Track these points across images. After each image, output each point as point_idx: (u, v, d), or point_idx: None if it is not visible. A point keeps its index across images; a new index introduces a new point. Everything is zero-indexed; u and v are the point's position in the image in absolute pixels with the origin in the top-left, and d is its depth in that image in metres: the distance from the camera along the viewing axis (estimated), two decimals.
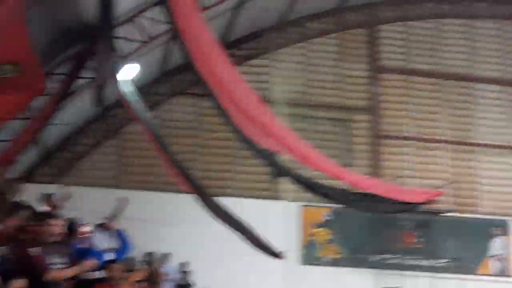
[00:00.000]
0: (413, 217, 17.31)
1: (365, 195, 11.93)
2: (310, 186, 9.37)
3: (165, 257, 15.81)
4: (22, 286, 5.40)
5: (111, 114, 17.27)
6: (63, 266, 6.42)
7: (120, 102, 15.08)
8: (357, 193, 11.76)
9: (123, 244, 8.65)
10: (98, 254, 7.85)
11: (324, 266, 17.09)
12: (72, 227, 8.48)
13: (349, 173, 10.74)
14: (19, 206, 7.84)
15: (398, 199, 10.15)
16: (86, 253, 7.47)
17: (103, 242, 8.16)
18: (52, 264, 6.19)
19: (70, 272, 6.34)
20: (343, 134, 18.20)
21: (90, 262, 6.53)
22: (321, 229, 17.47)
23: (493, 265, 17.93)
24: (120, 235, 8.71)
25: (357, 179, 10.65)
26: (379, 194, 10.57)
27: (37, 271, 5.87)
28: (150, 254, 15.28)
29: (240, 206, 14.81)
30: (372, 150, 18.21)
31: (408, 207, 10.76)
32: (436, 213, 17.35)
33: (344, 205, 12.04)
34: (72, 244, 7.86)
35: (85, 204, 13.63)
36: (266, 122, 8.10)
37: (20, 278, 5.44)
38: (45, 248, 6.13)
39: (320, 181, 9.93)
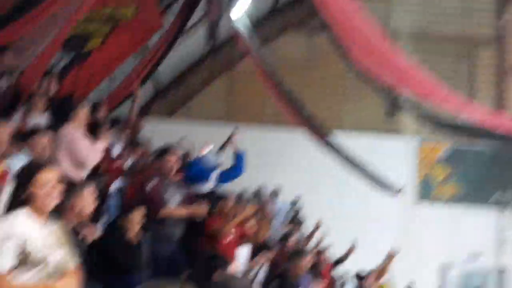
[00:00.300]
0: None
1: (491, 131, 11.26)
2: (433, 120, 8.83)
3: (276, 192, 15.84)
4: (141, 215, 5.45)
5: (223, 49, 17.25)
6: (177, 203, 6.47)
7: (233, 38, 15.02)
8: (482, 128, 11.13)
9: (237, 166, 8.47)
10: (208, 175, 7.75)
11: (442, 204, 16.58)
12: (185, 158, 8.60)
13: (475, 107, 10.03)
14: (139, 143, 7.98)
15: None
16: (198, 177, 7.41)
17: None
18: (167, 201, 6.25)
19: (184, 212, 6.38)
20: (466, 67, 17.31)
21: (204, 207, 6.52)
22: (439, 165, 16.91)
23: None
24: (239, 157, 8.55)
25: (483, 113, 9.92)
26: (505, 129, 9.82)
27: (153, 207, 5.94)
28: (260, 189, 15.33)
29: (355, 141, 14.59)
30: (497, 84, 17.25)
31: None
32: None
33: (469, 139, 11.40)
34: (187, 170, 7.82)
35: (196, 139, 13.74)
36: (387, 54, 7.60)
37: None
38: (161, 184, 6.18)
39: (443, 115, 9.34)
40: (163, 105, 17.39)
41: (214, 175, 7.78)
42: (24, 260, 3.07)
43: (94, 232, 5.02)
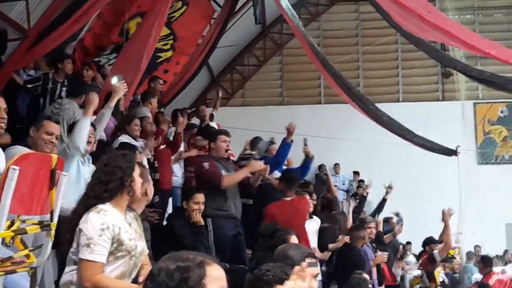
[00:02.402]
0: None
1: None
2: (485, 79, 8.77)
3: (335, 168, 16.09)
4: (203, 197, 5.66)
5: (272, 31, 17.48)
6: None
7: (280, 18, 15.20)
8: None
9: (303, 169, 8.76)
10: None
11: (503, 164, 16.40)
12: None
13: None
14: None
15: None
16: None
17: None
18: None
19: (241, 173, 6.38)
20: None
21: (258, 164, 6.58)
22: (497, 126, 16.69)
23: None
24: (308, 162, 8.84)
25: None
26: None
27: (213, 183, 6.11)
28: (320, 166, 15.56)
29: (410, 111, 14.66)
30: None
31: None
32: None
33: None
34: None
35: (253, 122, 14.10)
36: (432, 17, 7.64)
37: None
38: (217, 162, 6.30)
39: (495, 73, 9.30)
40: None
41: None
42: (117, 250, 3.25)
43: (158, 216, 5.29)
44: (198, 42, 12.39)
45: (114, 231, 3.27)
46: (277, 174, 7.72)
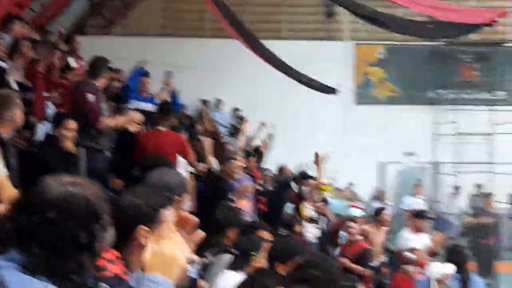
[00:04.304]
0: (473, 49, 16.80)
1: (424, 22, 11.50)
2: (368, 16, 8.90)
3: (217, 103, 16.00)
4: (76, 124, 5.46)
5: None
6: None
7: None
8: (415, 21, 11.37)
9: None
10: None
11: (379, 105, 16.98)
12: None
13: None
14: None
15: (459, 21, 9.55)
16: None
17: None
18: (103, 113, 6.23)
19: (120, 121, 6.38)
20: None
21: (136, 114, 6.54)
22: (375, 67, 17.18)
23: None
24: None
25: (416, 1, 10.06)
26: (438, 16, 10.03)
27: (90, 119, 5.93)
28: (204, 102, 15.45)
29: (293, 49, 14.73)
30: None
31: (469, 28, 10.13)
32: (497, 44, 16.74)
33: (403, 34, 11.59)
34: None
35: (134, 54, 13.63)
36: None
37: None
38: (99, 97, 6.16)
39: (377, 10, 9.43)
40: (99, 22, 16.98)
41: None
42: None
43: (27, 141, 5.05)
44: None
45: None
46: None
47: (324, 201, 9.87)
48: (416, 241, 8.20)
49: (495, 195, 14.25)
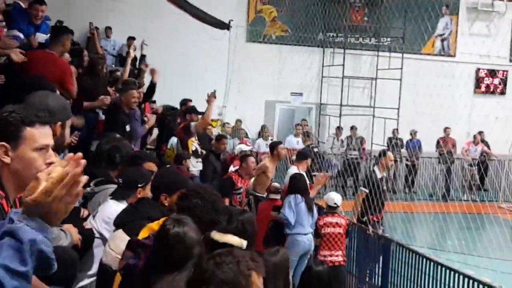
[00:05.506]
0: None
1: None
2: None
3: (105, 30, 15.46)
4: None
5: None
6: None
7: None
8: None
9: None
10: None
11: (270, 44, 17.06)
12: None
13: None
14: None
15: None
16: None
17: None
18: None
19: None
20: None
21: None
22: (268, 6, 17.13)
23: (437, 45, 18.20)
24: None
25: None
26: None
27: None
28: (95, 28, 14.85)
29: None
30: None
31: None
32: None
33: None
34: None
35: None
36: None
37: None
38: None
39: None
40: None
41: None
42: None
43: None
44: None
45: None
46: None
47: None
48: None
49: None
